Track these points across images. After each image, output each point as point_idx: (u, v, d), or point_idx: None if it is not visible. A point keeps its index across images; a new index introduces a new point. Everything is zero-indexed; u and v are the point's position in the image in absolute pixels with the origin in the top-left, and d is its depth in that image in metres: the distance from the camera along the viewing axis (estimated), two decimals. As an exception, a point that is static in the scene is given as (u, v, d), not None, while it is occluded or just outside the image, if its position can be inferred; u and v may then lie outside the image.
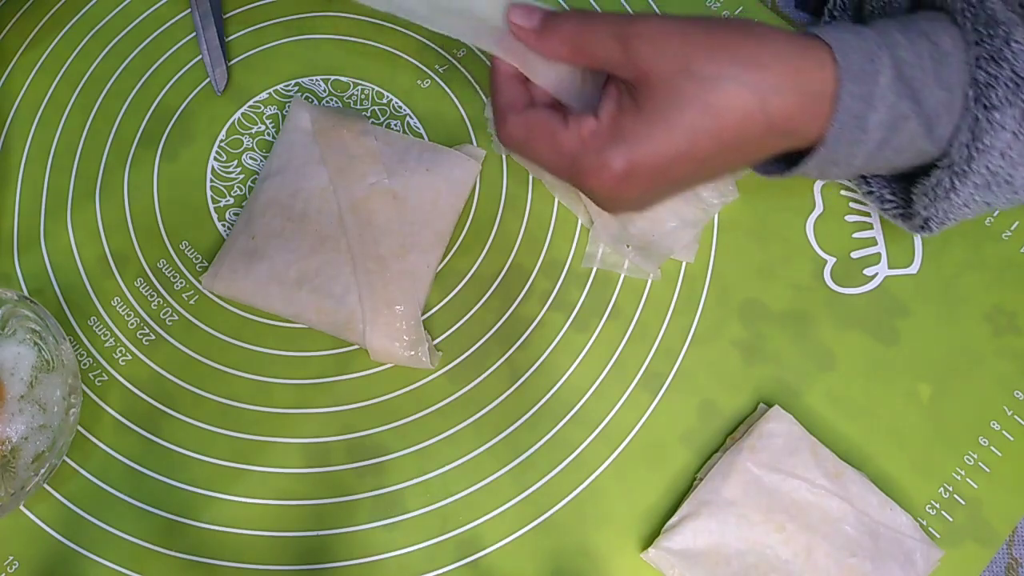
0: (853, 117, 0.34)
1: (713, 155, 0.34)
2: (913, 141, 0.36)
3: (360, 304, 0.41)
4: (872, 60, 0.34)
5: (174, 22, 0.49)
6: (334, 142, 0.44)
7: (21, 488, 0.37)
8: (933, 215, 0.38)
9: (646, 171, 0.33)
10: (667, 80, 0.33)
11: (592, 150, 0.34)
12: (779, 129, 0.34)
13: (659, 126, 0.33)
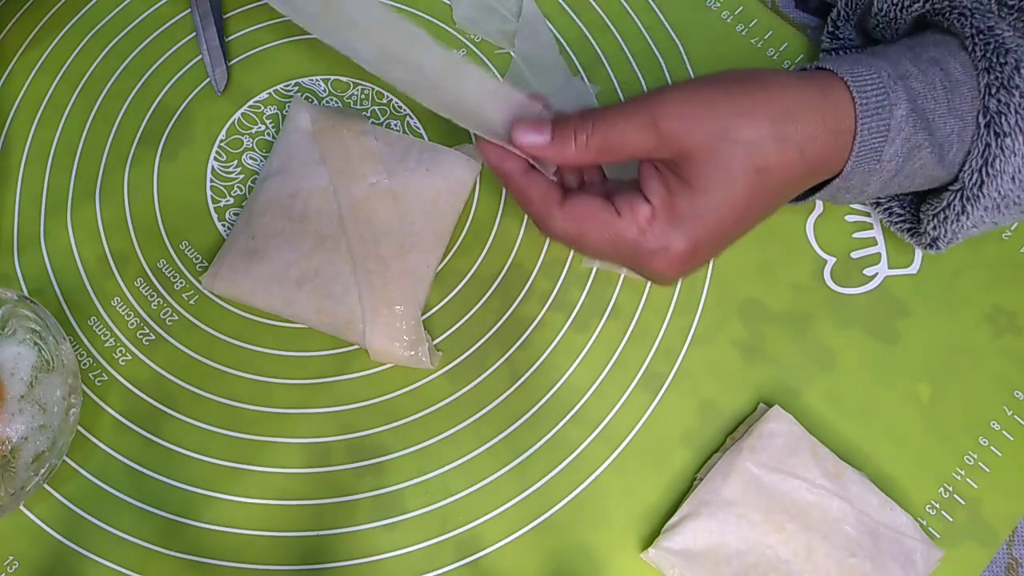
0: (870, 150, 0.35)
1: (763, 208, 0.35)
2: (925, 168, 0.36)
3: (360, 304, 0.41)
4: (887, 94, 0.35)
5: (174, 22, 0.49)
6: (334, 142, 0.44)
7: (21, 488, 0.37)
8: (942, 235, 0.38)
9: (709, 244, 0.34)
10: (709, 151, 0.33)
11: (654, 238, 0.34)
12: (816, 172, 0.35)
13: (716, 198, 0.33)
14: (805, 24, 0.50)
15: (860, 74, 0.35)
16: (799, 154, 0.34)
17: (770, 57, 0.48)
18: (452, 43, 0.49)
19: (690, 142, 0.33)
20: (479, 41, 0.49)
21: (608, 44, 0.49)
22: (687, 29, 0.49)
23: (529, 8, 0.49)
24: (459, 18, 0.49)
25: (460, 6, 0.49)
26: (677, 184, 0.34)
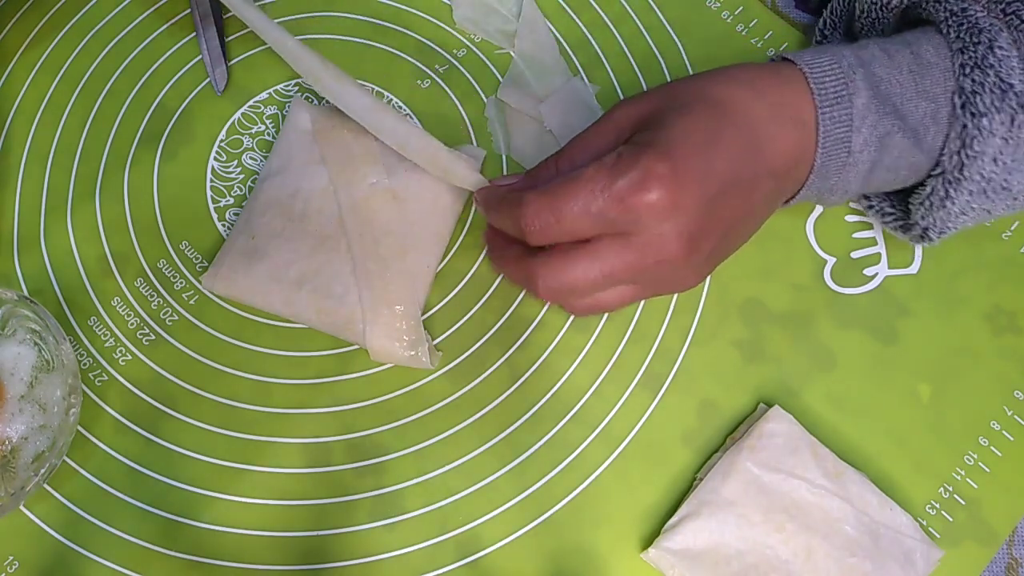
0: (837, 141, 0.35)
1: (740, 151, 0.33)
2: (903, 156, 0.36)
3: (360, 304, 0.41)
4: (846, 83, 0.34)
5: (174, 22, 0.49)
6: (334, 142, 0.44)
7: (21, 488, 0.37)
8: (931, 224, 0.38)
9: (689, 166, 0.31)
10: (660, 107, 0.34)
11: (625, 167, 0.31)
12: (789, 123, 0.34)
13: (675, 127, 0.32)
14: (805, 24, 0.50)
15: (820, 63, 0.35)
16: (755, 93, 0.33)
17: (770, 57, 0.48)
18: (452, 43, 0.49)
19: (644, 109, 0.34)
20: (479, 41, 0.49)
21: (608, 44, 0.49)
22: (687, 29, 0.49)
23: (529, 8, 0.49)
24: (459, 18, 0.49)
25: (460, 6, 0.49)
26: (637, 136, 0.33)
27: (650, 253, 0.32)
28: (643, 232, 0.32)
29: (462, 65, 0.48)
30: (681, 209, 0.31)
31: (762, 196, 0.35)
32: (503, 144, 0.47)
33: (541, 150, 0.46)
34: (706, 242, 0.33)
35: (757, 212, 0.36)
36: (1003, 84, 0.34)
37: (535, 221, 0.33)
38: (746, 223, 0.36)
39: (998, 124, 0.34)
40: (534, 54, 0.48)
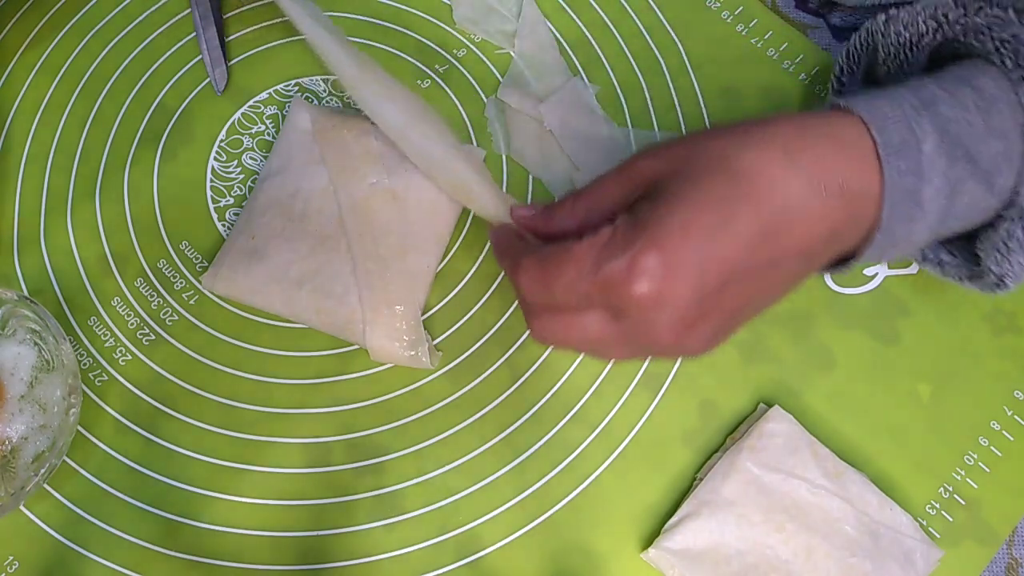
0: (905, 193, 0.30)
1: (758, 237, 0.28)
2: (975, 202, 0.32)
3: (360, 304, 0.41)
4: (912, 127, 0.30)
5: (174, 22, 0.49)
6: (334, 142, 0.44)
7: (21, 488, 0.37)
8: (1008, 272, 0.34)
9: (685, 258, 0.27)
10: (676, 169, 0.29)
11: (616, 251, 0.28)
12: (831, 204, 0.29)
13: (681, 202, 0.28)
14: (805, 24, 0.50)
15: (878, 108, 0.31)
16: (788, 160, 0.28)
17: (770, 57, 0.48)
18: (452, 43, 0.49)
19: (660, 168, 0.30)
20: (479, 41, 0.49)
21: (608, 44, 0.49)
22: (687, 29, 0.49)
23: (529, 8, 0.49)
24: (459, 18, 0.49)
25: (460, 6, 0.49)
26: (646, 204, 0.29)
27: (639, 336, 0.30)
28: (631, 317, 0.29)
29: (462, 65, 0.48)
30: (670, 303, 0.28)
31: (785, 276, 0.30)
32: (503, 144, 0.47)
33: (541, 150, 0.46)
34: (705, 327, 0.30)
35: (780, 289, 0.31)
36: None
37: (528, 289, 0.31)
38: (765, 300, 0.32)
39: None
40: (534, 54, 0.48)
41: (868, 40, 0.39)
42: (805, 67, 0.48)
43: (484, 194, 0.38)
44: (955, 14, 0.35)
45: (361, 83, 0.40)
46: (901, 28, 0.36)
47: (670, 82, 0.48)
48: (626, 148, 0.46)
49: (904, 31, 0.36)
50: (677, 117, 0.47)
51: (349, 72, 0.41)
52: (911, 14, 0.36)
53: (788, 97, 0.48)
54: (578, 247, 0.29)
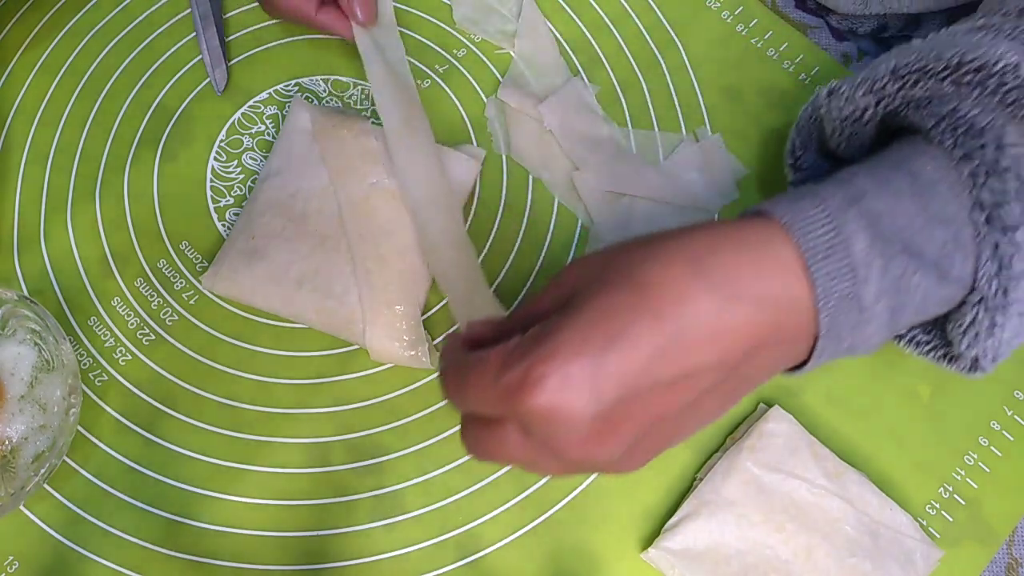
0: (841, 298, 0.28)
1: (660, 350, 0.27)
2: (930, 295, 0.30)
3: (360, 304, 0.41)
4: (838, 228, 0.28)
5: (174, 22, 0.49)
6: (334, 142, 0.44)
7: (21, 488, 0.37)
8: (982, 354, 0.32)
9: (580, 370, 0.26)
10: (587, 280, 0.28)
11: (515, 361, 0.27)
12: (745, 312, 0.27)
13: (583, 312, 0.27)
14: (805, 24, 0.50)
15: (801, 210, 0.29)
16: (695, 273, 0.27)
17: (770, 57, 0.48)
18: (452, 43, 0.49)
19: (579, 278, 0.29)
20: (479, 41, 0.49)
21: (608, 44, 0.49)
22: (687, 29, 0.49)
23: (529, 8, 0.49)
24: (459, 18, 0.49)
25: (460, 6, 0.49)
26: (553, 315, 0.28)
27: (547, 451, 0.28)
28: (534, 429, 0.28)
29: (462, 65, 0.48)
30: (567, 414, 0.26)
31: (705, 389, 0.28)
32: (503, 144, 0.47)
33: (541, 150, 0.46)
34: (616, 440, 0.28)
35: (707, 403, 0.29)
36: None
37: (450, 397, 0.30)
38: (690, 416, 0.29)
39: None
40: (534, 54, 0.48)
41: (814, 115, 0.38)
42: (805, 67, 0.48)
43: (471, 298, 0.38)
44: (892, 87, 0.33)
45: (398, 147, 0.41)
46: (843, 103, 0.35)
47: (670, 82, 0.48)
48: (626, 148, 0.46)
49: (846, 106, 0.35)
50: (677, 117, 0.47)
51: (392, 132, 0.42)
52: (851, 87, 0.35)
53: (788, 97, 0.48)
54: (488, 355, 0.28)
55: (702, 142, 0.46)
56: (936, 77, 0.32)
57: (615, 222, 0.45)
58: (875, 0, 0.47)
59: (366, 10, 0.41)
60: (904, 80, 0.33)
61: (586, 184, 0.45)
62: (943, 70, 0.32)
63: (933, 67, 0.32)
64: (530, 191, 0.46)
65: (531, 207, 0.46)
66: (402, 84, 0.44)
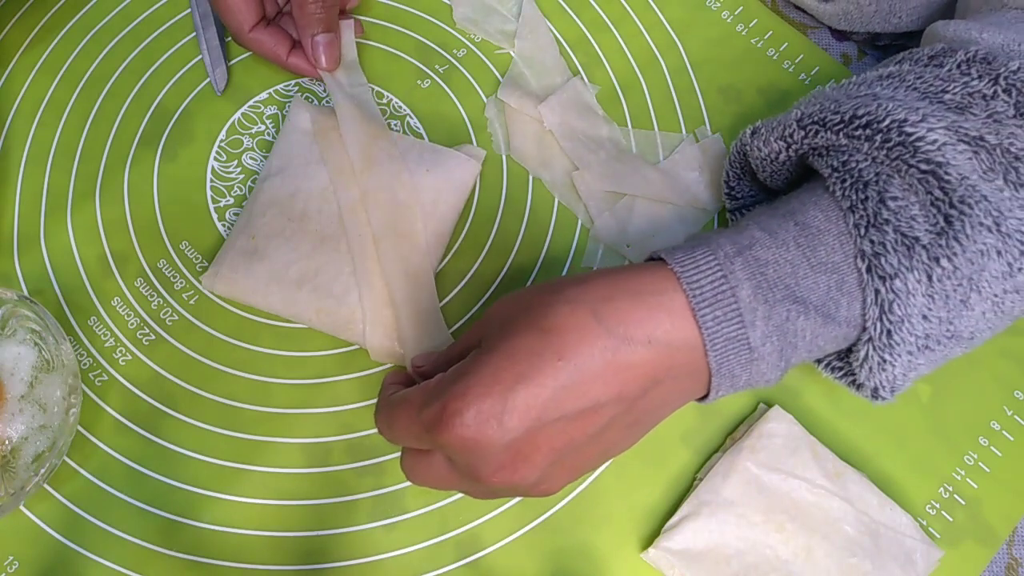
0: (729, 340, 0.31)
1: (563, 387, 0.29)
2: (818, 336, 0.32)
3: (360, 304, 0.41)
4: (725, 276, 0.31)
5: (174, 22, 0.49)
6: (334, 142, 0.44)
7: (21, 488, 0.37)
8: (880, 385, 0.34)
9: (491, 405, 0.29)
10: (501, 322, 0.32)
11: (434, 397, 0.31)
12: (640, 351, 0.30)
13: (492, 353, 0.30)
14: (805, 24, 0.50)
15: (693, 258, 0.31)
16: (595, 318, 0.30)
17: (770, 57, 0.48)
18: (452, 43, 0.49)
19: (495, 318, 0.32)
20: (479, 41, 0.49)
21: (608, 44, 0.49)
22: (687, 29, 0.49)
23: (529, 8, 0.49)
24: (459, 18, 0.49)
25: (460, 6, 0.49)
26: (470, 354, 0.32)
27: (469, 478, 0.32)
28: (456, 459, 0.31)
29: (462, 65, 0.48)
30: (482, 445, 0.30)
31: (608, 421, 0.31)
32: (503, 144, 0.47)
33: (541, 150, 0.46)
34: (530, 467, 0.31)
35: (611, 433, 0.32)
36: (907, 239, 0.30)
37: (381, 430, 0.34)
38: (598, 444, 0.32)
39: (914, 283, 0.30)
40: (534, 54, 0.48)
41: (740, 151, 0.40)
42: (805, 67, 0.48)
43: (422, 326, 0.41)
44: (799, 135, 0.35)
45: (363, 178, 0.43)
46: (760, 144, 0.37)
47: (670, 82, 0.48)
48: (626, 148, 0.46)
49: (763, 147, 0.37)
50: (677, 117, 0.47)
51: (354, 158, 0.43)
52: (768, 130, 0.37)
53: (788, 97, 0.48)
54: (412, 392, 0.32)
55: (702, 142, 0.46)
56: (832, 129, 0.33)
57: (615, 222, 0.45)
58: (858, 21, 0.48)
59: (330, 59, 0.44)
60: (807, 130, 0.34)
61: (586, 184, 0.45)
62: (838, 123, 0.33)
63: (830, 119, 0.33)
64: (530, 191, 0.46)
65: (531, 207, 0.46)
66: (369, 116, 0.45)
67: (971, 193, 0.30)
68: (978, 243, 0.30)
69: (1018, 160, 0.31)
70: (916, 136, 0.31)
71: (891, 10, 0.46)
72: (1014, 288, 0.32)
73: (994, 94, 0.32)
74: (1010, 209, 0.31)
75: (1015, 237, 0.31)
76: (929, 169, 0.31)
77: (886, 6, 0.46)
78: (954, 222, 0.30)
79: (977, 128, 0.32)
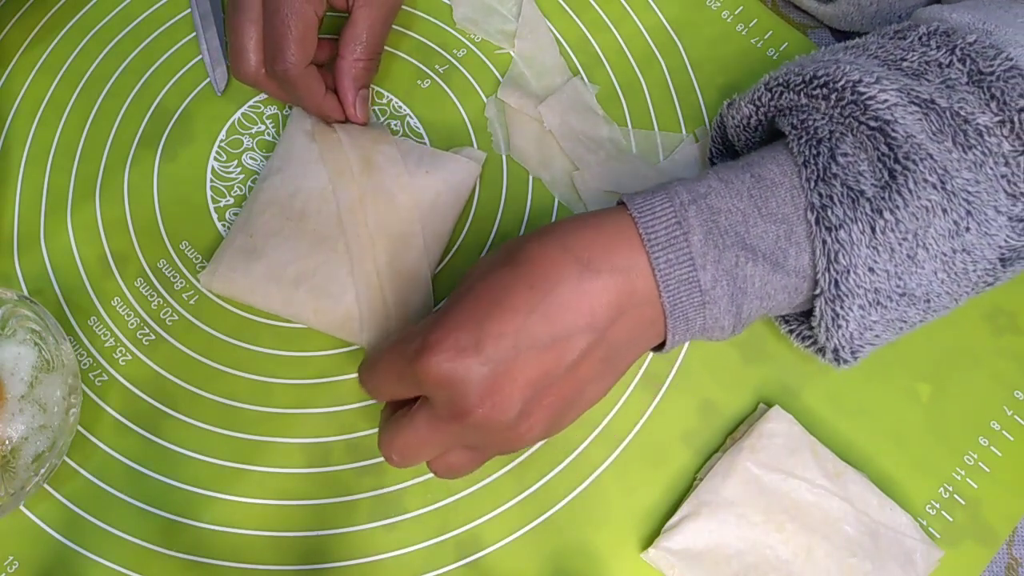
0: (681, 282, 0.33)
1: (536, 312, 0.31)
2: (767, 283, 0.34)
3: (357, 303, 0.41)
4: (679, 222, 0.33)
5: (174, 22, 0.49)
6: (333, 142, 0.44)
7: (21, 488, 0.37)
8: (839, 345, 0.35)
9: (467, 333, 0.31)
10: (480, 265, 0.34)
11: (415, 336, 0.32)
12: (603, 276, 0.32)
13: (472, 289, 0.32)
14: (805, 24, 0.50)
15: (650, 205, 0.33)
16: (564, 249, 0.32)
17: (770, 57, 0.48)
18: (452, 43, 0.49)
19: (476, 267, 0.34)
20: (479, 41, 0.49)
21: (608, 44, 0.49)
22: (687, 29, 0.49)
23: (529, 8, 0.49)
24: (459, 18, 0.49)
25: (460, 6, 0.49)
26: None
27: (452, 417, 0.32)
28: (438, 397, 0.32)
29: (462, 65, 0.48)
30: (462, 372, 0.31)
31: (581, 352, 0.32)
32: (503, 144, 0.47)
33: (541, 150, 0.46)
34: (509, 403, 0.31)
35: (585, 368, 0.33)
36: (852, 192, 0.32)
37: (364, 381, 0.36)
38: (573, 379, 0.33)
39: (858, 234, 0.32)
40: (534, 54, 0.48)
41: (720, 124, 0.42)
42: (805, 67, 0.48)
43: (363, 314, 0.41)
44: (765, 98, 0.36)
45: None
46: (735, 112, 0.39)
47: (670, 82, 0.48)
48: (626, 148, 0.46)
49: (736, 114, 0.39)
50: (677, 117, 0.47)
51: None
52: (740, 98, 0.38)
53: (788, 97, 0.48)
54: (396, 340, 0.34)
55: (702, 142, 0.46)
56: (794, 90, 0.35)
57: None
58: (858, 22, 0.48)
59: (365, 112, 0.45)
60: (773, 92, 0.36)
61: (586, 184, 0.45)
62: (799, 84, 0.35)
63: (793, 80, 0.35)
64: (530, 191, 0.46)
65: (531, 207, 0.46)
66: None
67: (916, 151, 0.32)
68: (922, 199, 0.32)
69: (967, 123, 0.32)
70: (868, 96, 0.33)
71: (891, 11, 0.46)
72: (962, 247, 0.33)
73: (949, 63, 0.34)
74: (956, 169, 0.32)
75: (960, 196, 0.32)
76: (877, 126, 0.32)
77: (886, 7, 0.46)
78: (897, 176, 0.32)
79: (929, 92, 0.33)
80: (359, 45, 0.43)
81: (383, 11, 0.43)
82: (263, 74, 0.43)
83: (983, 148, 0.32)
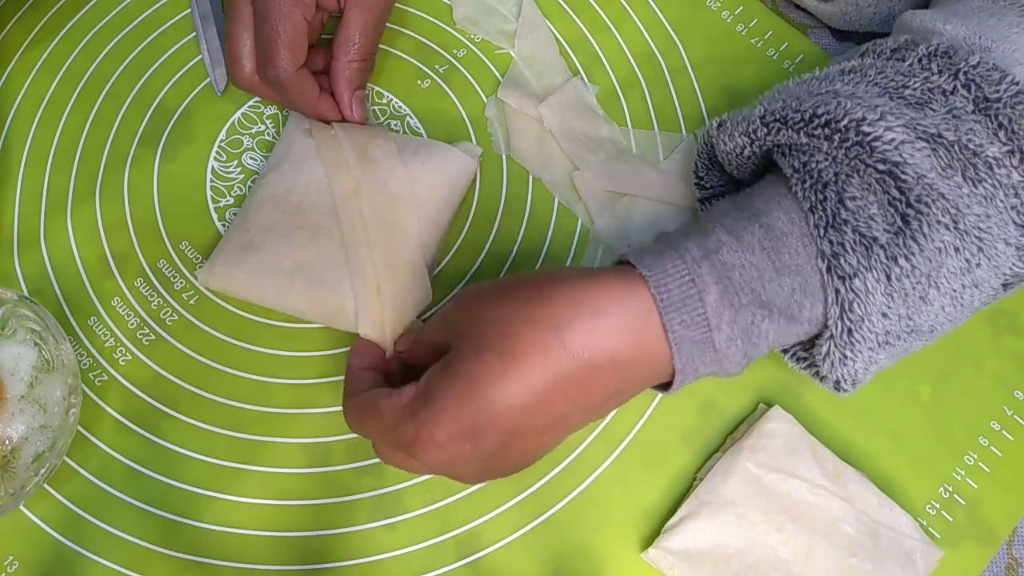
0: (695, 344, 0.31)
1: (529, 407, 0.31)
2: (781, 336, 0.33)
3: (352, 291, 0.41)
4: (693, 280, 0.31)
5: (174, 22, 0.49)
6: (330, 136, 0.44)
7: (21, 488, 0.37)
8: (842, 378, 0.34)
9: (461, 428, 0.31)
10: (469, 331, 0.32)
11: (407, 418, 0.32)
12: (603, 370, 0.31)
13: (462, 376, 0.31)
14: (805, 24, 0.50)
15: (661, 263, 0.32)
16: (559, 341, 0.30)
17: (770, 57, 0.48)
18: (452, 43, 0.49)
19: (456, 323, 0.33)
20: (479, 41, 0.49)
21: (608, 44, 0.49)
22: (687, 29, 0.49)
23: (529, 8, 0.49)
24: (459, 18, 0.49)
25: (460, 6, 0.49)
26: (436, 369, 0.32)
27: (422, 458, 0.32)
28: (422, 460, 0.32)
29: (462, 65, 0.48)
30: (457, 463, 0.32)
31: (575, 424, 0.33)
32: (503, 144, 0.47)
33: (541, 150, 0.46)
34: (503, 468, 0.34)
35: (576, 425, 0.33)
36: (865, 240, 0.31)
37: (351, 425, 0.36)
38: (564, 434, 0.34)
39: (873, 282, 0.31)
40: (534, 54, 0.48)
41: (707, 143, 0.40)
42: (805, 67, 0.48)
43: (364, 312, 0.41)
44: (762, 132, 0.35)
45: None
46: (726, 138, 0.37)
47: (670, 82, 0.48)
48: (626, 148, 0.46)
49: (728, 141, 0.37)
50: (677, 117, 0.47)
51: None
52: (733, 125, 0.36)
53: (788, 97, 0.48)
54: (383, 404, 0.33)
55: (702, 142, 0.46)
56: (793, 128, 0.33)
57: (615, 222, 0.45)
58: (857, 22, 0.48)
59: (361, 112, 0.44)
60: (770, 127, 0.34)
61: (586, 184, 0.45)
62: (799, 122, 0.33)
63: (791, 117, 0.33)
64: (530, 191, 0.46)
65: (531, 207, 0.46)
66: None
67: (928, 192, 0.31)
68: (936, 241, 0.31)
69: (976, 156, 0.31)
70: (873, 136, 0.31)
71: (890, 11, 0.46)
72: (972, 283, 0.32)
73: (953, 89, 0.33)
74: (968, 206, 0.31)
75: (972, 234, 0.31)
76: (886, 169, 0.31)
77: (885, 7, 0.46)
78: (911, 221, 0.31)
79: (936, 124, 0.32)
80: (352, 47, 0.43)
81: (375, 12, 0.43)
82: (258, 80, 0.43)
83: (993, 181, 0.31)
